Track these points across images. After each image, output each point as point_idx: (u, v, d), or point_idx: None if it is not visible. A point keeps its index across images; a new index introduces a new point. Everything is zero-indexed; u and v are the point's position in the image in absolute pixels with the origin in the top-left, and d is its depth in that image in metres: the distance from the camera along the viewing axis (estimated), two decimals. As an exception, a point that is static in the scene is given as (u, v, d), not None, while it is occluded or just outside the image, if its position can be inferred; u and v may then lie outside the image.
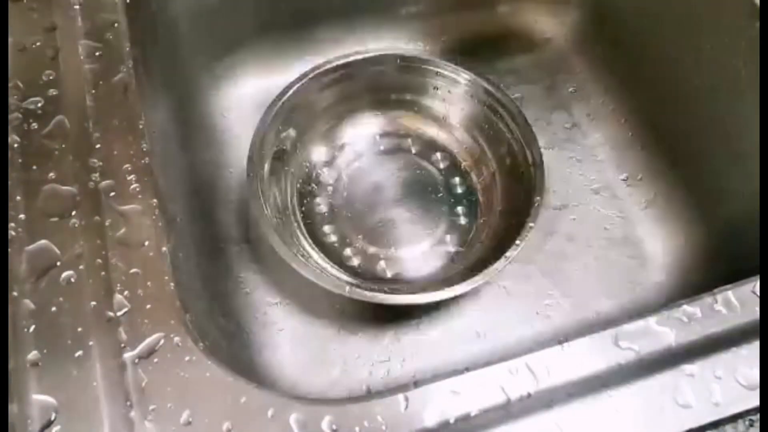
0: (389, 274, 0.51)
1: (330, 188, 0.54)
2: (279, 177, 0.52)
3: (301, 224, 0.52)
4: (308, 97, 0.53)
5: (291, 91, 0.51)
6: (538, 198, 0.47)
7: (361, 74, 0.54)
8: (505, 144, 0.52)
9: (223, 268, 0.50)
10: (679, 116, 0.55)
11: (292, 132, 0.53)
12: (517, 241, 0.45)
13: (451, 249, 0.52)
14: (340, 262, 0.51)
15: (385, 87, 0.56)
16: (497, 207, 0.52)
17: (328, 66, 0.53)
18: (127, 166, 0.37)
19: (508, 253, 0.45)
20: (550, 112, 0.49)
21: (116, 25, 0.43)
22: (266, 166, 0.50)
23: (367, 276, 0.50)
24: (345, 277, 0.49)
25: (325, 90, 0.54)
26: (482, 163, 0.55)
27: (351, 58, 0.53)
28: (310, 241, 0.51)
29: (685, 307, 0.34)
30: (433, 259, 0.52)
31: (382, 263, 0.51)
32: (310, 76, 0.52)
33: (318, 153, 0.55)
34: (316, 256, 0.50)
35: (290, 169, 0.53)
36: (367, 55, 0.53)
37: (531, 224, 0.46)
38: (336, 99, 0.55)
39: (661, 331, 0.34)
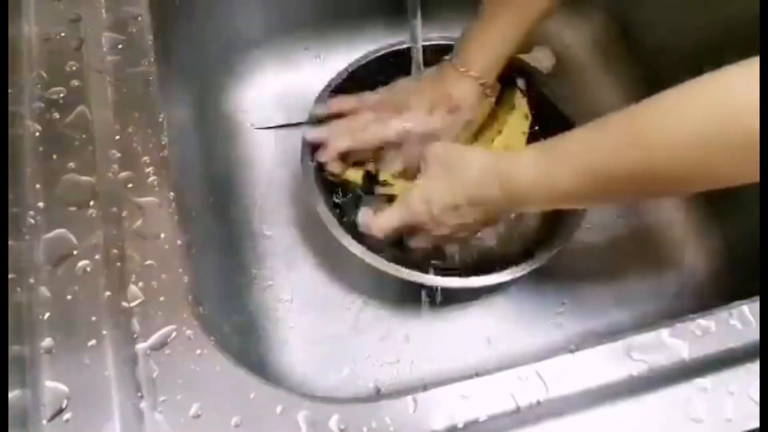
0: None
1: None
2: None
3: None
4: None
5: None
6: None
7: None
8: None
9: (237, 263, 0.50)
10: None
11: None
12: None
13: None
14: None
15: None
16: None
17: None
18: (145, 158, 0.38)
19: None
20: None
21: (139, 18, 0.43)
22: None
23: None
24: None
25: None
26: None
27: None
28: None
29: (699, 320, 0.34)
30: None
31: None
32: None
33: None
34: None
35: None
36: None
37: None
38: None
39: (675, 344, 0.33)
